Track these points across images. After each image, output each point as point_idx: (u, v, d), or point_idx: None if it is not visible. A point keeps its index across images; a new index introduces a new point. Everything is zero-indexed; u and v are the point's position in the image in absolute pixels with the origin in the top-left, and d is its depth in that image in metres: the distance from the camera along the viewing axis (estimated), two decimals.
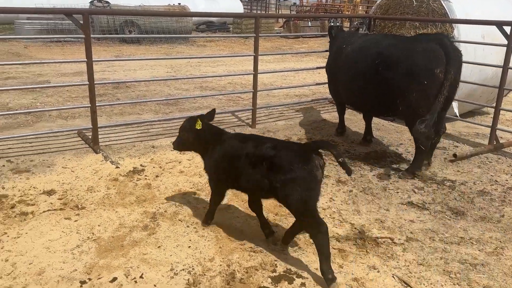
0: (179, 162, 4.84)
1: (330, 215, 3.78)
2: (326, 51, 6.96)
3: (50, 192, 3.92)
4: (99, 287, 2.70)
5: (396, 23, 7.07)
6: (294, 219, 3.07)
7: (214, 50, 16.11)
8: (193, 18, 19.72)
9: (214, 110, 3.43)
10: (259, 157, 2.93)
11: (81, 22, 4.62)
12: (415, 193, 4.30)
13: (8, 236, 3.20)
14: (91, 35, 4.66)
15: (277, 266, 3.00)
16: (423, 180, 4.58)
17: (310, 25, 21.47)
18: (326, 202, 4.01)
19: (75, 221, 3.46)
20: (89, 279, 2.77)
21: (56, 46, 14.70)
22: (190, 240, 3.28)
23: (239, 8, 26.08)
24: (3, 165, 4.50)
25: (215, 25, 23.76)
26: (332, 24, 22.92)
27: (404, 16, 6.76)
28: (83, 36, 4.64)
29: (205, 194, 4.06)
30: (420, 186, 4.46)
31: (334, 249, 3.23)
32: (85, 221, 3.46)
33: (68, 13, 4.51)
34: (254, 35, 5.93)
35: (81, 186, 4.09)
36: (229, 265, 2.99)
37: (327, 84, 6.10)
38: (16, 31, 16.25)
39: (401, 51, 4.57)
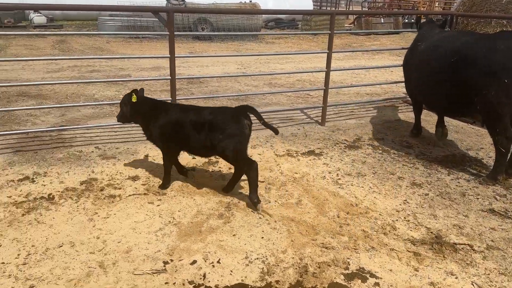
0: (250, 156, 4.96)
1: (404, 218, 3.70)
2: (402, 48, 6.74)
3: (134, 178, 4.22)
4: (180, 268, 2.88)
5: (480, 21, 6.67)
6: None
7: (283, 47, 16.18)
8: (263, 15, 19.95)
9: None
10: (201, 122, 3.63)
11: (166, 19, 4.90)
12: (497, 200, 4.07)
13: (98, 216, 3.51)
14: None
15: (349, 264, 3.01)
16: (506, 187, 4.32)
17: (382, 21, 20.80)
18: (400, 204, 3.93)
19: (157, 205, 3.71)
20: (171, 260, 2.96)
21: (135, 42, 15.60)
22: (263, 231, 3.38)
23: (308, 4, 25.90)
24: (92, 151, 4.90)
25: (283, 22, 23.83)
26: (406, 21, 22.08)
27: (491, 13, 6.37)
28: (167, 33, 4.92)
29: (276, 188, 4.15)
30: (502, 193, 4.21)
31: (409, 251, 3.18)
32: (166, 206, 3.69)
33: (155, 11, 4.80)
34: (328, 32, 5.91)
35: (161, 173, 4.35)
36: (302, 258, 3.05)
37: (400, 83, 5.92)
38: (99, 27, 17.45)
39: (480, 49, 4.34)
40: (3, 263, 2.86)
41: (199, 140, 3.68)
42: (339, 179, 4.43)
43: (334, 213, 3.70)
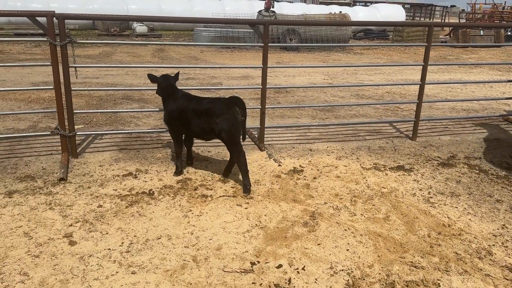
0: (336, 167, 4.96)
1: (502, 243, 3.44)
2: (505, 63, 6.26)
3: (224, 180, 4.45)
4: (266, 270, 2.99)
5: None
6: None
7: (372, 58, 15.83)
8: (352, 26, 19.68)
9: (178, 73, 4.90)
10: (201, 109, 4.23)
11: (261, 31, 5.11)
12: None
13: (192, 213, 3.75)
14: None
15: (440, 286, 2.88)
16: None
17: (482, 34, 19.42)
18: (498, 229, 3.67)
19: (245, 208, 3.87)
20: (258, 262, 3.08)
21: (226, 51, 16.31)
22: (348, 243, 3.37)
23: (401, 15, 25.06)
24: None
25: (373, 32, 23.29)
26: (509, 33, 20.34)
27: None
28: (261, 44, 5.13)
29: (362, 201, 4.10)
30: None
31: (506, 279, 2.96)
32: (254, 210, 3.84)
33: (252, 23, 5.03)
34: (425, 44, 5.70)
35: (250, 178, 4.52)
36: (389, 275, 2.98)
37: (501, 100, 5.51)
38: (194, 37, 18.54)
39: None
40: (109, 249, 3.19)
41: (199, 124, 4.28)
42: (431, 197, 4.24)
43: (424, 232, 3.56)
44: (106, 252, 3.14)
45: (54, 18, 4.46)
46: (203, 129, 4.26)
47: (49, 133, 5.05)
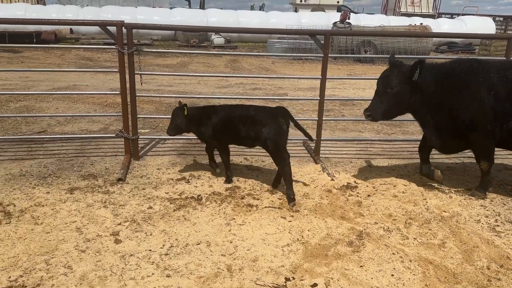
0: (394, 186, 4.67)
1: None
2: None
3: (272, 191, 4.39)
4: (300, 287, 2.87)
5: None
6: None
7: None
8: (434, 38, 18.68)
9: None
10: (246, 117, 4.24)
11: (322, 42, 5.01)
12: None
13: (235, 222, 3.74)
14: (328, 55, 5.00)
15: None
16: None
17: None
18: None
19: (289, 221, 3.77)
20: (293, 278, 2.97)
21: (297, 63, 16.30)
22: (394, 268, 3.13)
23: (490, 28, 23.30)
24: (241, 162, 5.28)
25: (458, 46, 21.90)
26: None
27: None
28: (321, 55, 5.02)
29: (418, 224, 3.80)
30: None
31: None
32: (297, 224, 3.73)
33: (312, 34, 4.95)
34: (504, 58, 5.20)
35: (298, 190, 4.42)
36: None
37: None
38: (267, 48, 18.79)
39: None
40: (150, 250, 3.28)
41: (244, 131, 4.28)
42: (497, 225, 3.81)
43: (483, 263, 3.20)
44: (147, 253, 3.22)
45: (123, 28, 4.75)
46: (248, 136, 4.28)
47: (114, 135, 5.36)
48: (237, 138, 4.38)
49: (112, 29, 4.78)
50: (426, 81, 4.08)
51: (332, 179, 4.73)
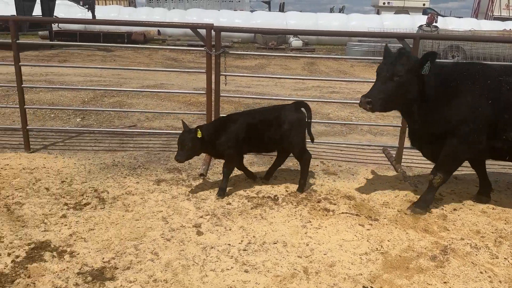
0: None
1: None
2: None
3: (350, 197, 4.32)
4: None
5: None
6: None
7: None
8: None
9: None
10: (269, 119, 4.27)
11: (411, 46, 4.82)
12: None
13: (311, 225, 3.74)
14: None
15: None
16: None
17: None
18: None
19: (367, 229, 3.69)
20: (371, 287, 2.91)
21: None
22: None
23: None
24: (317, 165, 5.25)
25: None
26: None
27: None
28: None
29: (509, 243, 3.52)
30: None
31: None
32: (376, 233, 3.63)
33: (401, 37, 4.79)
34: None
35: (377, 199, 4.30)
36: None
37: None
38: (346, 51, 18.47)
39: None
40: (229, 244, 3.39)
41: (269, 135, 4.26)
42: None
43: None
44: (226, 247, 3.34)
45: (212, 30, 4.96)
46: (272, 139, 4.29)
47: None
48: (262, 143, 4.35)
49: (202, 31, 5.01)
50: (429, 76, 3.73)
51: (415, 190, 4.54)
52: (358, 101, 3.71)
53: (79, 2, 20.75)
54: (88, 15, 20.96)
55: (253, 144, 4.35)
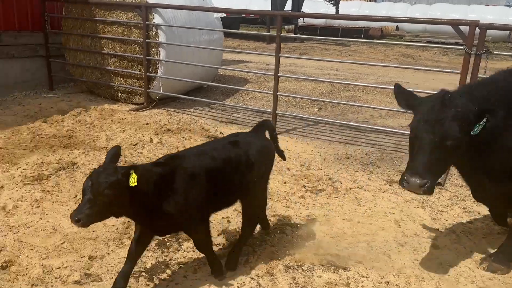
0: None
1: None
2: None
3: None
4: None
5: None
6: None
7: None
8: None
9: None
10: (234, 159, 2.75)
11: None
12: None
13: None
14: None
15: None
16: None
17: None
18: None
19: None
20: None
21: None
22: None
23: None
24: None
25: None
26: None
27: None
28: None
29: None
30: None
31: None
32: None
33: None
34: None
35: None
36: None
37: None
38: None
39: None
40: (468, 267, 3.04)
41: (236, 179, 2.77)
42: None
43: None
44: (465, 269, 3.01)
45: (477, 28, 4.47)
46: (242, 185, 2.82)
47: None
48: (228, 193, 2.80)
49: (464, 28, 4.57)
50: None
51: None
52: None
53: None
54: (331, 10, 22.03)
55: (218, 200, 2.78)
